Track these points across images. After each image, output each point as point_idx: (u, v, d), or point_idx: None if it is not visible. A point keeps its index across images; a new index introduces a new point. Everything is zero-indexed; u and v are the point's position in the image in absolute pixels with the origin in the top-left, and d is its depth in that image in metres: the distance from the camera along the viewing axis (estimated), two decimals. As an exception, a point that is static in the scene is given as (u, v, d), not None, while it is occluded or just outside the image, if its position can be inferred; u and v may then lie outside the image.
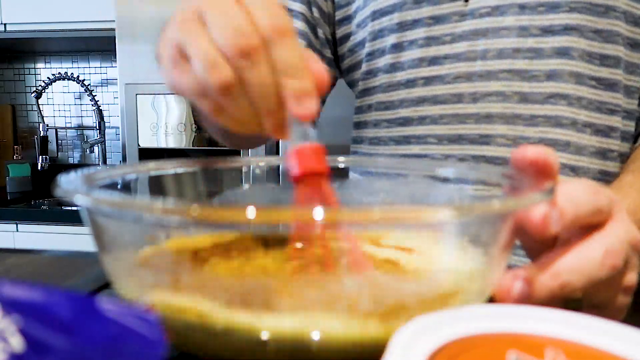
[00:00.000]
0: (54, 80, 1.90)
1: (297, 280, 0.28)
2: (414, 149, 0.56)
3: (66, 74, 1.92)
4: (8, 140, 2.08)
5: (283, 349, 0.22)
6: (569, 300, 0.29)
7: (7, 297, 0.15)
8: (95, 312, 0.16)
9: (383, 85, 0.58)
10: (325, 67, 0.30)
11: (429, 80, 0.55)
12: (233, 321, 0.22)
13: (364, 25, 0.59)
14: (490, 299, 0.28)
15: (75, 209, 1.54)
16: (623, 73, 0.52)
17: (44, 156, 1.91)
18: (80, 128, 2.08)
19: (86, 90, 1.94)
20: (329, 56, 0.64)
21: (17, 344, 0.14)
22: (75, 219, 1.53)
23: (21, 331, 0.15)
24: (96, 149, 2.00)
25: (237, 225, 0.31)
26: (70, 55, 2.04)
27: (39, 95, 1.91)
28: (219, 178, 0.40)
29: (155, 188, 0.36)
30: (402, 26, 0.56)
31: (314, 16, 0.62)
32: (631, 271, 0.30)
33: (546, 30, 0.50)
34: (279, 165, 0.42)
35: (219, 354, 0.23)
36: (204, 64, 0.28)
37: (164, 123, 1.50)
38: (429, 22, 0.54)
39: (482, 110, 0.52)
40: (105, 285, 0.39)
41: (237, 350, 0.23)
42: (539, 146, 0.28)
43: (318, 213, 0.19)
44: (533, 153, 0.28)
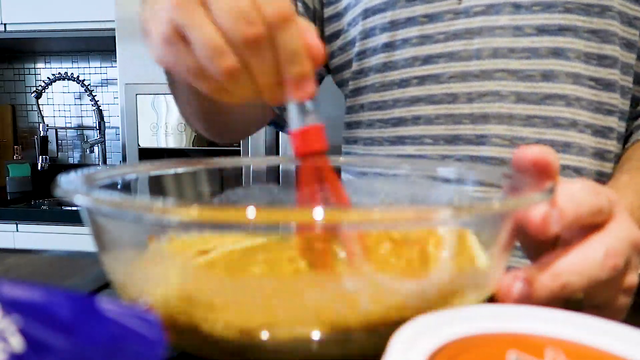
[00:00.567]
0: (54, 80, 1.90)
1: (297, 280, 0.28)
2: (409, 150, 0.55)
3: (66, 74, 1.92)
4: (8, 140, 2.08)
5: (283, 349, 0.22)
6: (570, 301, 0.29)
7: (7, 297, 0.15)
8: (95, 312, 0.16)
9: (375, 84, 0.58)
10: (318, 41, 0.31)
11: (423, 80, 0.54)
12: (233, 322, 0.22)
13: (354, 23, 0.59)
14: (490, 299, 0.28)
15: (75, 209, 1.54)
16: (619, 73, 0.51)
17: (44, 156, 1.91)
18: (80, 128, 2.08)
19: (86, 90, 1.94)
20: None
21: (17, 344, 0.14)
22: (75, 219, 1.53)
23: (21, 331, 0.15)
24: (96, 149, 2.00)
25: (237, 225, 0.31)
26: (70, 55, 2.04)
27: (39, 95, 1.91)
28: (219, 178, 0.40)
29: (155, 188, 0.36)
30: (395, 24, 0.55)
31: (298, 11, 0.61)
32: (632, 271, 0.30)
33: (541, 30, 0.50)
34: (279, 165, 0.42)
35: (219, 354, 0.23)
36: (209, 51, 0.29)
37: (164, 123, 1.50)
38: (422, 21, 0.54)
39: (478, 110, 0.52)
40: (105, 285, 0.39)
41: (237, 350, 0.23)
42: (539, 146, 0.28)
43: (318, 213, 0.19)
44: (533, 153, 0.28)
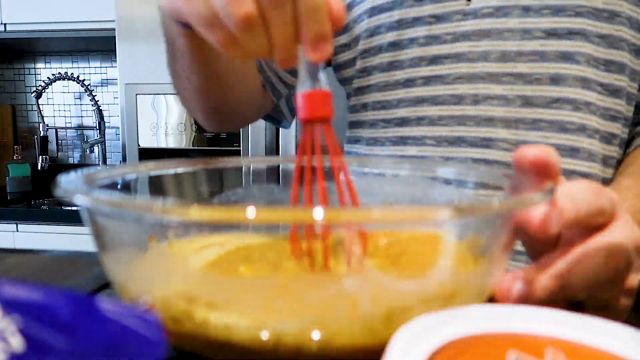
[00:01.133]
0: (54, 80, 1.90)
1: (297, 280, 0.28)
2: (411, 150, 0.55)
3: (66, 74, 1.92)
4: (8, 140, 2.08)
5: (283, 350, 0.22)
6: (572, 302, 0.28)
7: (7, 297, 0.15)
8: (95, 312, 0.16)
9: (379, 84, 0.57)
10: (343, 4, 0.30)
11: (428, 80, 0.54)
12: (232, 322, 0.22)
13: (360, 21, 0.58)
14: (491, 299, 0.28)
15: (75, 209, 1.54)
16: (627, 80, 0.51)
17: (44, 156, 1.91)
18: (80, 128, 2.08)
19: (86, 90, 1.94)
20: None
21: (17, 344, 0.14)
22: (75, 219, 1.53)
23: (21, 331, 0.15)
24: (96, 149, 2.00)
25: (238, 225, 0.31)
26: (70, 55, 2.04)
27: (39, 95, 1.91)
28: (219, 178, 0.40)
29: (155, 188, 0.36)
30: (402, 24, 0.55)
31: None
32: (633, 273, 0.30)
33: (550, 34, 0.50)
34: (279, 165, 0.42)
35: (219, 354, 0.23)
36: None
37: (164, 123, 1.50)
38: (430, 21, 0.53)
39: (484, 113, 0.51)
40: (105, 285, 0.39)
41: (238, 350, 0.23)
42: (540, 146, 0.28)
43: (318, 213, 0.19)
44: (534, 153, 0.28)
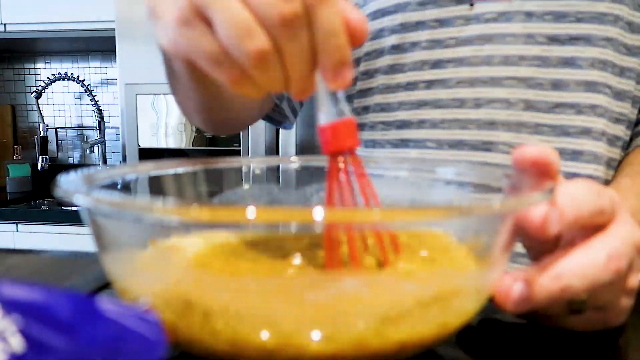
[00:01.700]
0: (54, 80, 1.90)
1: (297, 281, 0.28)
2: (412, 153, 0.55)
3: (66, 74, 1.92)
4: (8, 140, 2.08)
5: (283, 350, 0.22)
6: (574, 302, 0.28)
7: (7, 297, 0.15)
8: (95, 312, 0.16)
9: (381, 86, 0.57)
10: (365, 20, 0.27)
11: (430, 84, 0.54)
12: (234, 321, 0.22)
13: None
14: (491, 299, 0.28)
15: (75, 209, 1.54)
16: (635, 83, 0.51)
17: (44, 156, 1.91)
18: (80, 128, 2.08)
19: (86, 91, 1.94)
20: None
21: (17, 344, 0.14)
22: (75, 219, 1.54)
23: (21, 331, 0.15)
24: (96, 149, 2.00)
25: (238, 225, 0.31)
26: (70, 55, 2.04)
27: (39, 95, 1.91)
28: (219, 178, 0.40)
29: (155, 188, 0.36)
30: (405, 27, 0.55)
31: None
32: (634, 273, 0.30)
33: (553, 39, 0.50)
34: (279, 166, 0.42)
35: (220, 354, 0.23)
36: (237, 31, 0.25)
37: (164, 123, 1.50)
38: (433, 25, 0.54)
39: (486, 116, 0.51)
40: (105, 285, 0.39)
41: (238, 350, 0.23)
42: (539, 145, 0.28)
43: (318, 213, 0.19)
44: (533, 153, 0.28)
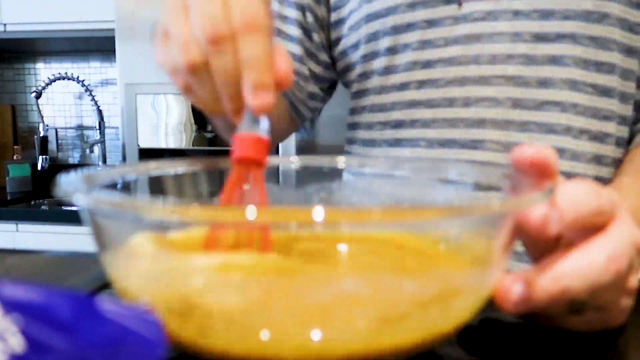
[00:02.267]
0: (54, 80, 1.90)
1: (296, 280, 0.28)
2: (405, 152, 0.56)
3: (66, 74, 1.92)
4: (8, 140, 2.08)
5: (283, 350, 0.22)
6: (574, 302, 0.28)
7: (7, 297, 0.15)
8: (95, 312, 0.16)
9: (377, 87, 0.59)
10: (291, 64, 0.33)
11: (422, 84, 0.55)
12: (233, 321, 0.22)
13: (357, 27, 0.59)
14: (490, 300, 0.28)
15: (75, 209, 1.54)
16: (619, 79, 0.52)
17: (44, 156, 1.91)
18: (80, 128, 2.08)
19: (86, 90, 1.94)
20: (325, 60, 0.65)
21: (17, 344, 0.14)
22: (75, 219, 1.53)
23: (21, 331, 0.15)
24: (96, 149, 2.00)
25: (237, 225, 0.31)
26: (70, 56, 2.04)
27: (39, 95, 1.91)
28: (219, 178, 0.40)
29: (155, 188, 0.36)
30: (397, 29, 0.56)
31: (308, 21, 0.62)
32: (634, 273, 0.30)
33: (539, 37, 0.50)
34: (279, 165, 0.42)
35: (220, 354, 0.23)
36: (178, 44, 0.32)
37: (164, 123, 1.50)
38: (423, 26, 0.54)
39: (474, 115, 0.52)
40: (105, 285, 0.39)
41: (238, 350, 0.23)
42: (539, 145, 0.28)
43: (318, 213, 0.19)
44: (532, 152, 0.28)
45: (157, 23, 0.36)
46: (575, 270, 0.27)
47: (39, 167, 1.91)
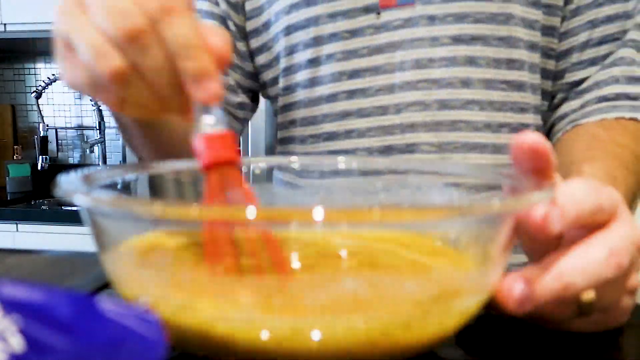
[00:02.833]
0: (54, 80, 1.89)
1: (296, 280, 0.28)
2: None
3: (66, 74, 1.92)
4: (8, 140, 2.08)
5: (282, 350, 0.22)
6: (582, 304, 0.28)
7: (7, 297, 0.15)
8: (95, 312, 0.16)
9: (304, 100, 0.58)
10: (228, 39, 0.28)
11: (351, 94, 0.55)
12: (233, 321, 0.22)
13: (276, 39, 0.59)
14: (491, 300, 0.28)
15: (75, 209, 1.54)
16: (528, 73, 0.54)
17: (44, 156, 1.91)
18: (80, 128, 2.08)
19: (86, 90, 1.94)
20: (250, 70, 0.63)
21: (17, 344, 0.14)
22: (75, 219, 1.53)
23: (21, 331, 0.15)
24: (96, 149, 2.00)
25: (237, 225, 0.31)
26: (70, 55, 2.04)
27: (39, 95, 1.91)
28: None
29: (155, 188, 0.36)
30: (319, 41, 0.56)
31: (231, 30, 0.61)
32: (635, 272, 0.30)
33: (456, 40, 0.52)
34: (279, 166, 0.42)
35: (219, 354, 0.23)
36: (91, 52, 0.26)
37: (164, 123, 1.50)
38: (345, 36, 0.55)
39: (406, 120, 0.54)
40: (105, 285, 0.39)
41: (239, 350, 0.23)
42: (536, 133, 0.28)
43: (318, 213, 0.19)
44: (530, 139, 0.28)
45: (53, 34, 0.29)
46: (576, 266, 0.27)
47: (39, 167, 1.91)
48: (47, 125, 1.96)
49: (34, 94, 1.91)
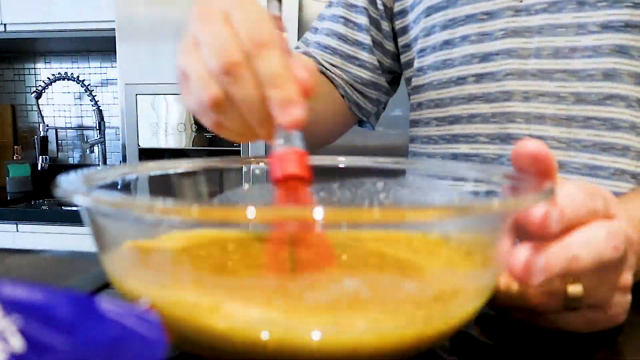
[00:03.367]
0: (54, 80, 1.90)
1: (296, 280, 0.28)
2: (463, 148, 0.55)
3: (66, 74, 1.92)
4: (8, 140, 2.08)
5: (282, 350, 0.22)
6: (569, 298, 0.28)
7: (7, 297, 0.15)
8: (95, 312, 0.16)
9: (434, 82, 0.58)
10: (313, 71, 0.31)
11: (480, 78, 0.54)
12: (233, 320, 0.22)
13: (417, 21, 0.60)
14: (491, 300, 0.28)
15: (75, 209, 1.54)
16: None
17: (44, 156, 1.91)
18: (80, 128, 2.08)
19: (86, 91, 1.94)
20: (392, 50, 0.65)
21: (17, 344, 0.14)
22: (75, 219, 1.53)
23: (21, 331, 0.15)
24: (96, 149, 2.00)
25: (237, 225, 0.31)
26: (70, 56, 2.04)
27: (39, 95, 1.91)
28: (219, 178, 0.40)
29: (155, 188, 0.36)
30: (455, 22, 0.55)
31: (379, 9, 0.63)
32: (627, 270, 0.30)
33: (605, 27, 0.48)
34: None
35: (220, 354, 0.23)
36: (197, 83, 0.31)
37: (164, 123, 1.50)
38: (482, 18, 0.54)
39: (534, 110, 0.51)
40: (105, 285, 0.39)
41: (238, 350, 0.23)
42: (539, 141, 0.28)
43: (318, 213, 0.19)
44: (533, 146, 0.28)
45: (177, 68, 0.34)
46: (581, 240, 0.26)
47: (39, 167, 1.91)
48: (47, 126, 1.96)
49: (34, 94, 1.91)
